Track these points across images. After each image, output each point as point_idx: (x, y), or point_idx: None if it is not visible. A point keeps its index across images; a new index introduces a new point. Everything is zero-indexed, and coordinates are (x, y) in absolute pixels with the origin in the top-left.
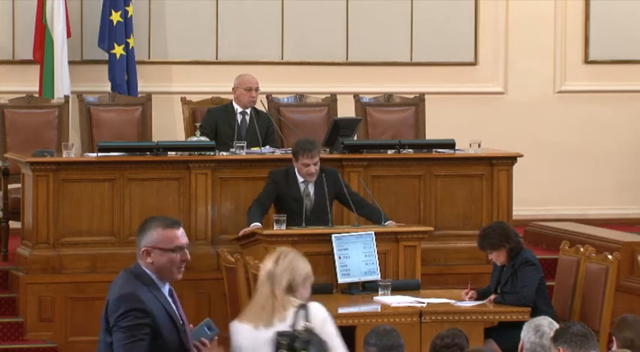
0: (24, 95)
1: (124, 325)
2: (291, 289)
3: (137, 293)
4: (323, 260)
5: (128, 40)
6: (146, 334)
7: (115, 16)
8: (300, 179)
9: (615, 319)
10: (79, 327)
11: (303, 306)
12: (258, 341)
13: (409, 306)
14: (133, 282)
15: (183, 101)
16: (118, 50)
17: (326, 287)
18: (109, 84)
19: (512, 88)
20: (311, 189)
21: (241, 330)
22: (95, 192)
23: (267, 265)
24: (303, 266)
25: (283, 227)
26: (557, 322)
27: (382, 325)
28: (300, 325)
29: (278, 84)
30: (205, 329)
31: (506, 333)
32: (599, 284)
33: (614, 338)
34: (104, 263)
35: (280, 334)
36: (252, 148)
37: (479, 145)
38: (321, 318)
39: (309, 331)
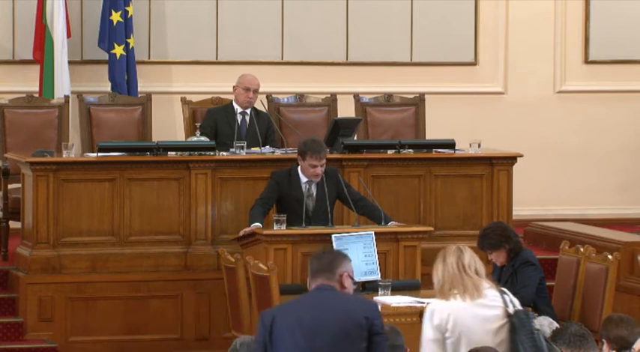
0: (24, 95)
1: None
2: (478, 273)
3: None
4: None
5: (128, 40)
6: None
7: (115, 16)
8: (303, 179)
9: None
10: (79, 327)
11: (503, 291)
12: (470, 314)
13: (409, 306)
14: None
15: (183, 101)
16: (118, 50)
17: None
18: (109, 84)
19: (512, 88)
20: (313, 189)
21: (453, 307)
22: (95, 192)
23: (450, 255)
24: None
25: (283, 227)
26: (557, 322)
27: None
28: (512, 307)
29: (278, 84)
30: None
31: None
32: (599, 284)
33: (603, 340)
34: (104, 263)
35: (516, 312)
36: (252, 148)
37: (479, 145)
38: (519, 303)
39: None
